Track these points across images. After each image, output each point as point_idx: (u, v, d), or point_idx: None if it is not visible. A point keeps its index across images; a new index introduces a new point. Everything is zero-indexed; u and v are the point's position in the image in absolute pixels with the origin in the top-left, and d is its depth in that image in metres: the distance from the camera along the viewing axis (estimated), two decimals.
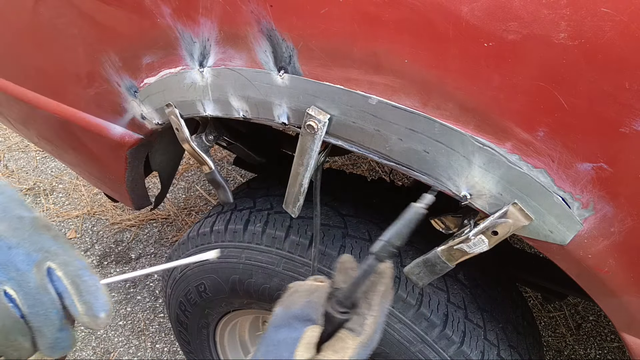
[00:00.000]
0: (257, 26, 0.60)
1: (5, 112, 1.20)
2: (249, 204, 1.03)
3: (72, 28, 0.80)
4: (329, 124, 0.61)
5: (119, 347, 1.74)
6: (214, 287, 1.04)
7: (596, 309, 1.82)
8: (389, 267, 0.56)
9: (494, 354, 0.86)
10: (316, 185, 0.78)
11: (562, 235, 0.55)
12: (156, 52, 0.73)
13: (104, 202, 2.33)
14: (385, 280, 0.55)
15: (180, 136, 0.81)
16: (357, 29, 0.53)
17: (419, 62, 0.52)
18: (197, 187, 2.41)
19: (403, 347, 0.84)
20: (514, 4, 0.45)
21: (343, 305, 0.52)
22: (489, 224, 0.58)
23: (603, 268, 0.56)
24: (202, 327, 1.19)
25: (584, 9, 0.43)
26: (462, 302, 0.87)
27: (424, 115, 0.55)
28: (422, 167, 0.58)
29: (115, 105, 0.86)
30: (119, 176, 1.02)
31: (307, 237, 0.91)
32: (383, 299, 0.54)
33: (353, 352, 0.50)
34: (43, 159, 2.63)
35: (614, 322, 0.63)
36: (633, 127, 0.45)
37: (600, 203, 0.51)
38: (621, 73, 0.43)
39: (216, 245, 1.01)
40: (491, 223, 0.57)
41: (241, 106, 0.69)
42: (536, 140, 0.51)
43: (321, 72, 0.59)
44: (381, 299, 0.53)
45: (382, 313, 0.53)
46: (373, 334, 0.52)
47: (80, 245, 2.13)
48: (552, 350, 1.70)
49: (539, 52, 0.46)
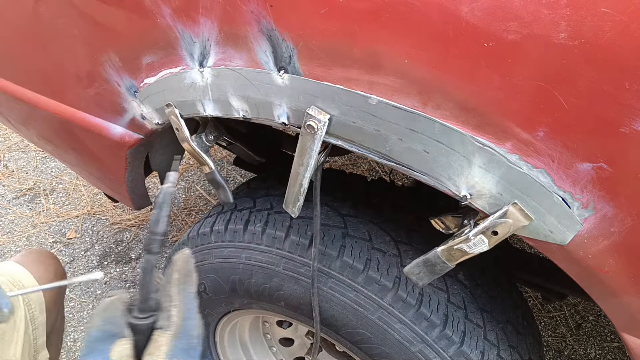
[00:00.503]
0: (257, 26, 0.60)
1: (5, 112, 1.20)
2: (249, 204, 1.03)
3: (72, 28, 0.80)
4: (329, 124, 0.62)
5: None
6: (214, 287, 1.04)
7: (596, 309, 1.82)
8: (182, 253, 0.55)
9: (494, 354, 0.86)
10: (316, 185, 0.78)
11: (562, 235, 0.55)
12: (156, 52, 0.73)
13: (104, 202, 2.33)
14: (177, 267, 0.54)
15: (180, 136, 0.81)
16: (357, 29, 0.53)
17: (419, 62, 0.52)
18: (197, 187, 2.41)
19: (403, 347, 0.84)
20: (514, 4, 0.45)
21: (145, 310, 0.51)
22: (489, 224, 0.58)
23: (603, 268, 0.56)
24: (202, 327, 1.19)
25: (584, 9, 0.43)
26: (462, 302, 0.87)
27: (424, 115, 0.55)
28: (422, 167, 0.58)
29: (115, 105, 0.86)
30: (119, 176, 1.02)
31: (307, 237, 0.91)
32: (182, 285, 0.53)
33: (167, 347, 0.49)
34: (43, 159, 2.63)
35: (614, 322, 0.63)
36: (633, 127, 0.45)
37: (600, 203, 0.51)
38: (621, 73, 0.43)
39: (216, 245, 1.01)
40: (491, 223, 0.57)
41: (241, 106, 0.69)
42: (536, 140, 0.51)
43: (321, 72, 0.59)
44: (179, 286, 0.52)
45: (186, 299, 0.52)
46: (184, 321, 0.51)
47: (80, 245, 2.13)
48: (552, 350, 1.70)
49: (539, 52, 0.46)
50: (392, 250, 0.90)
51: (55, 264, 1.14)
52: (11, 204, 2.35)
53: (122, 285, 1.94)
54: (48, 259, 1.13)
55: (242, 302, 1.05)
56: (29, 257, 1.09)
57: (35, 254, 1.12)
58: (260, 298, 0.99)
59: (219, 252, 1.01)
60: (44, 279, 1.06)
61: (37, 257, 1.11)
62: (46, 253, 1.15)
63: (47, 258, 1.13)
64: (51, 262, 1.13)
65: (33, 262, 1.07)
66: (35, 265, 1.07)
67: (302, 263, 0.91)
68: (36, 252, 1.13)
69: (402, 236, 0.93)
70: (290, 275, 0.92)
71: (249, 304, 1.05)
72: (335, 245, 0.89)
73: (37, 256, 1.11)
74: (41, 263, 1.09)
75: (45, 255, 1.13)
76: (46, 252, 1.16)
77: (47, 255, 1.14)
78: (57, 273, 1.12)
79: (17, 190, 2.43)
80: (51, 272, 1.10)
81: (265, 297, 0.98)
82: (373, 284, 0.85)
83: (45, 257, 1.13)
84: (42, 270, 1.07)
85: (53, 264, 1.13)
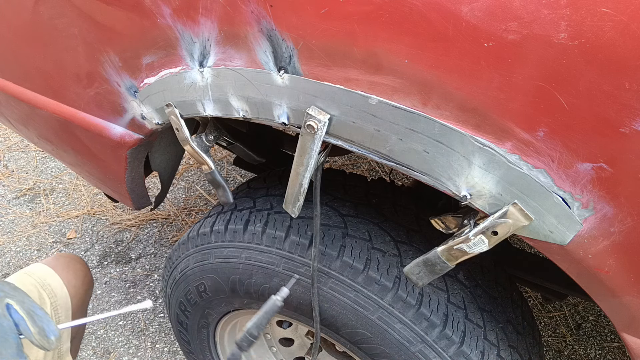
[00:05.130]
0: (257, 26, 0.60)
1: (5, 112, 1.20)
2: (249, 204, 1.03)
3: (72, 28, 0.80)
4: (329, 124, 0.62)
5: (119, 347, 1.74)
6: (214, 287, 1.04)
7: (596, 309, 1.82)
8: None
9: (494, 354, 0.86)
10: (316, 185, 0.78)
11: (562, 235, 0.55)
12: (156, 52, 0.73)
13: (104, 202, 2.33)
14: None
15: (180, 136, 0.81)
16: (357, 29, 0.53)
17: (419, 62, 0.52)
18: (197, 187, 2.41)
19: (403, 347, 0.85)
20: (514, 4, 0.45)
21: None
22: (489, 224, 0.58)
23: (603, 268, 0.56)
24: (202, 327, 1.19)
25: (584, 9, 0.43)
26: (462, 302, 0.87)
27: (424, 115, 0.55)
28: (422, 167, 0.59)
29: (115, 105, 0.86)
30: (119, 176, 1.02)
31: (307, 237, 0.91)
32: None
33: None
34: (43, 159, 2.63)
35: (614, 322, 0.63)
36: (633, 127, 0.45)
37: (600, 203, 0.51)
38: (621, 73, 0.43)
39: (216, 245, 1.01)
40: (491, 223, 0.57)
41: (241, 106, 0.69)
42: (536, 140, 0.51)
43: (321, 72, 0.59)
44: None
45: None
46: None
47: (80, 245, 2.13)
48: (552, 350, 1.70)
49: (539, 52, 0.46)
50: (392, 250, 0.90)
51: (84, 270, 1.14)
52: (11, 204, 2.35)
53: (122, 286, 1.94)
54: (78, 265, 1.13)
55: (242, 302, 1.05)
56: (60, 261, 1.10)
57: (66, 259, 1.12)
58: (260, 298, 0.99)
59: (219, 252, 1.01)
60: (72, 286, 1.07)
61: (68, 262, 1.11)
62: (77, 259, 1.15)
63: (77, 264, 1.13)
64: (80, 268, 1.13)
65: (63, 267, 1.08)
66: (65, 271, 1.07)
67: (302, 263, 0.91)
68: (67, 258, 1.13)
69: (402, 236, 0.93)
70: (290, 275, 0.92)
71: (249, 304, 1.05)
72: (335, 245, 0.89)
73: (68, 261, 1.11)
74: (71, 269, 1.10)
75: (75, 261, 1.14)
76: (77, 258, 1.16)
77: (77, 261, 1.15)
78: (85, 280, 1.13)
79: (17, 190, 2.44)
80: (80, 278, 1.11)
81: (265, 297, 0.97)
82: (373, 284, 0.85)
83: (76, 263, 1.13)
84: (71, 276, 1.08)
85: (82, 270, 1.13)
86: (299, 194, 0.72)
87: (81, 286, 1.10)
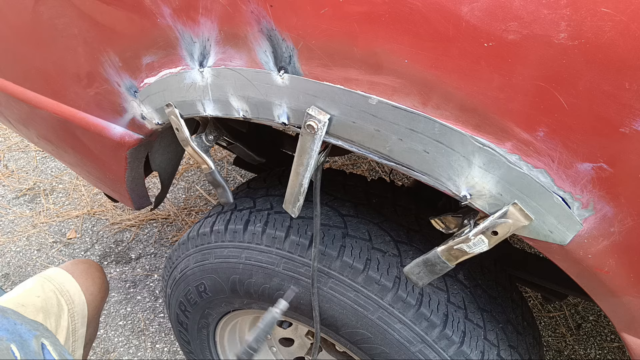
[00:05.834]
0: (257, 26, 0.60)
1: (5, 112, 1.20)
2: (249, 204, 1.03)
3: (72, 28, 0.80)
4: (329, 124, 0.62)
5: (119, 347, 1.74)
6: (214, 287, 1.04)
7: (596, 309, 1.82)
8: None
9: (494, 354, 0.86)
10: (316, 185, 0.78)
11: (562, 235, 0.55)
12: (156, 52, 0.73)
13: (104, 202, 2.33)
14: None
15: (180, 136, 0.81)
16: (357, 29, 0.53)
17: (419, 62, 0.52)
18: (197, 187, 2.41)
19: (403, 347, 0.85)
20: (514, 4, 0.45)
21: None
22: (489, 224, 0.58)
23: (603, 268, 0.56)
24: (202, 327, 1.19)
25: (584, 9, 0.43)
26: (462, 302, 0.87)
27: (424, 115, 0.55)
28: (422, 167, 0.59)
29: (115, 105, 0.86)
30: (119, 176, 1.02)
31: (307, 237, 0.91)
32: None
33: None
34: (43, 159, 2.63)
35: (614, 322, 0.63)
36: (633, 127, 0.45)
37: (600, 203, 0.51)
38: (621, 73, 0.43)
39: (216, 245, 1.01)
40: (491, 223, 0.57)
41: (241, 106, 0.69)
42: (536, 140, 0.51)
43: (321, 72, 0.59)
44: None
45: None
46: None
47: (80, 245, 2.13)
48: (552, 350, 1.70)
49: (539, 52, 0.46)
50: (392, 250, 0.90)
51: (102, 277, 1.14)
52: (11, 204, 2.35)
53: (122, 286, 1.94)
54: (96, 272, 1.13)
55: (242, 302, 1.05)
56: (79, 267, 1.10)
57: (85, 265, 1.12)
58: (260, 298, 0.99)
59: (219, 252, 1.01)
60: (90, 293, 1.07)
61: (87, 268, 1.11)
62: (95, 266, 1.15)
63: (96, 271, 1.13)
64: (98, 275, 1.13)
65: (82, 273, 1.08)
66: (84, 277, 1.08)
67: (302, 263, 0.91)
68: (86, 264, 1.13)
69: (402, 236, 0.93)
70: (290, 275, 0.92)
71: (249, 304, 1.05)
72: (335, 245, 0.89)
73: (87, 268, 1.11)
74: (89, 276, 1.10)
75: (94, 268, 1.14)
76: (95, 264, 1.16)
77: (96, 268, 1.15)
78: (102, 288, 1.13)
79: (17, 190, 2.44)
80: (97, 285, 1.11)
81: (265, 297, 0.98)
82: (373, 284, 0.85)
83: (94, 270, 1.13)
84: (89, 283, 1.08)
85: (100, 277, 1.13)
86: (299, 194, 0.72)
87: (98, 293, 1.10)
